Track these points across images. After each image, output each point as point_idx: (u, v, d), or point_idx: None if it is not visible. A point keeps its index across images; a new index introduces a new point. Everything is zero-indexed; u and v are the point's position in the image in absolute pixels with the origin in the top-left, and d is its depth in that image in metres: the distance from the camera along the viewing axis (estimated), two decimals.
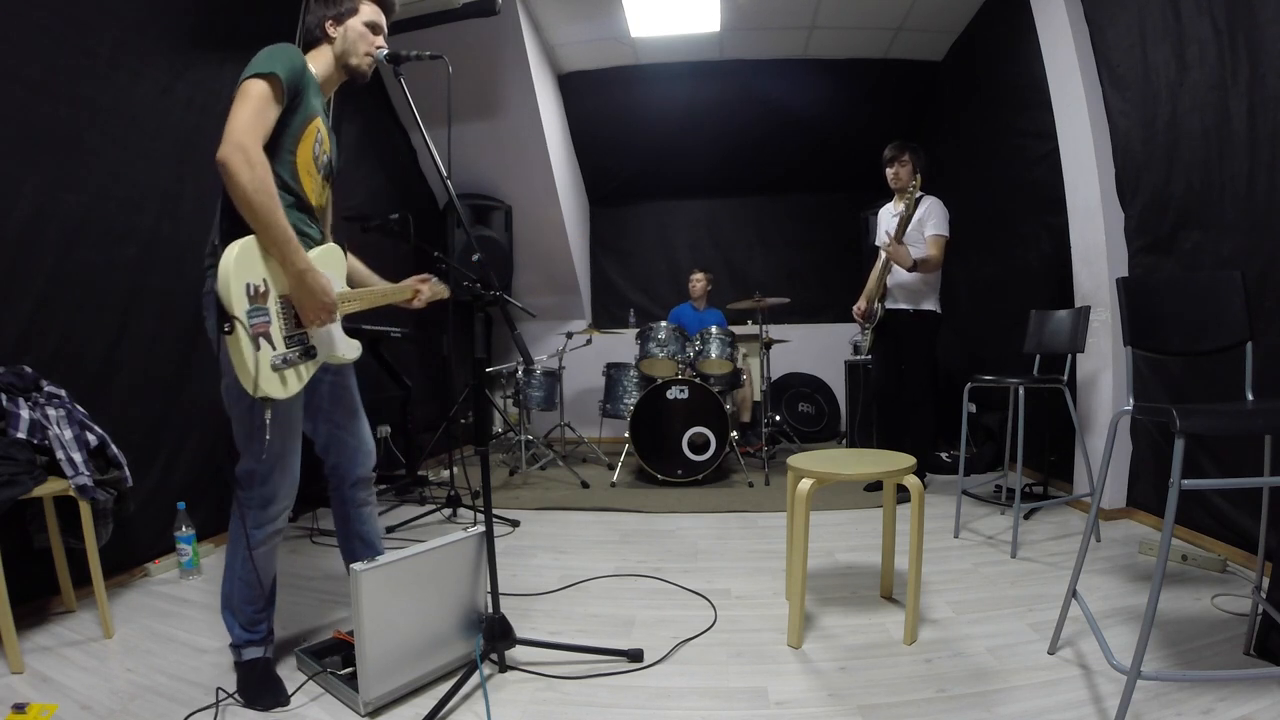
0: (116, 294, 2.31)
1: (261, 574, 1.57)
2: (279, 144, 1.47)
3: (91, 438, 1.94)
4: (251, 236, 1.38)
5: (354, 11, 1.64)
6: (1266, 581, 1.62)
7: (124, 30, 2.32)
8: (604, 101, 5.04)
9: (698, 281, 4.90)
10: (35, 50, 2.02)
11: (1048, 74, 3.15)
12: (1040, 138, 3.35)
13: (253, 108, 1.37)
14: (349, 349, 1.68)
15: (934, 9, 4.14)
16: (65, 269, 2.12)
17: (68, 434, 1.88)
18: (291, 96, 1.46)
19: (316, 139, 1.58)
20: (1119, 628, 1.80)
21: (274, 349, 1.40)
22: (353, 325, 3.22)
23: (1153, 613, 1.28)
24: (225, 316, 1.31)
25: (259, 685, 1.54)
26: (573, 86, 4.98)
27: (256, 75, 1.39)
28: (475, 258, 1.72)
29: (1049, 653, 1.68)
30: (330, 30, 1.64)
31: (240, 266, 1.34)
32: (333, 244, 1.70)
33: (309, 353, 1.51)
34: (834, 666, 1.67)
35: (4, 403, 1.80)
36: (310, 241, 1.59)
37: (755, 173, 5.59)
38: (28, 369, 1.92)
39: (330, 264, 1.63)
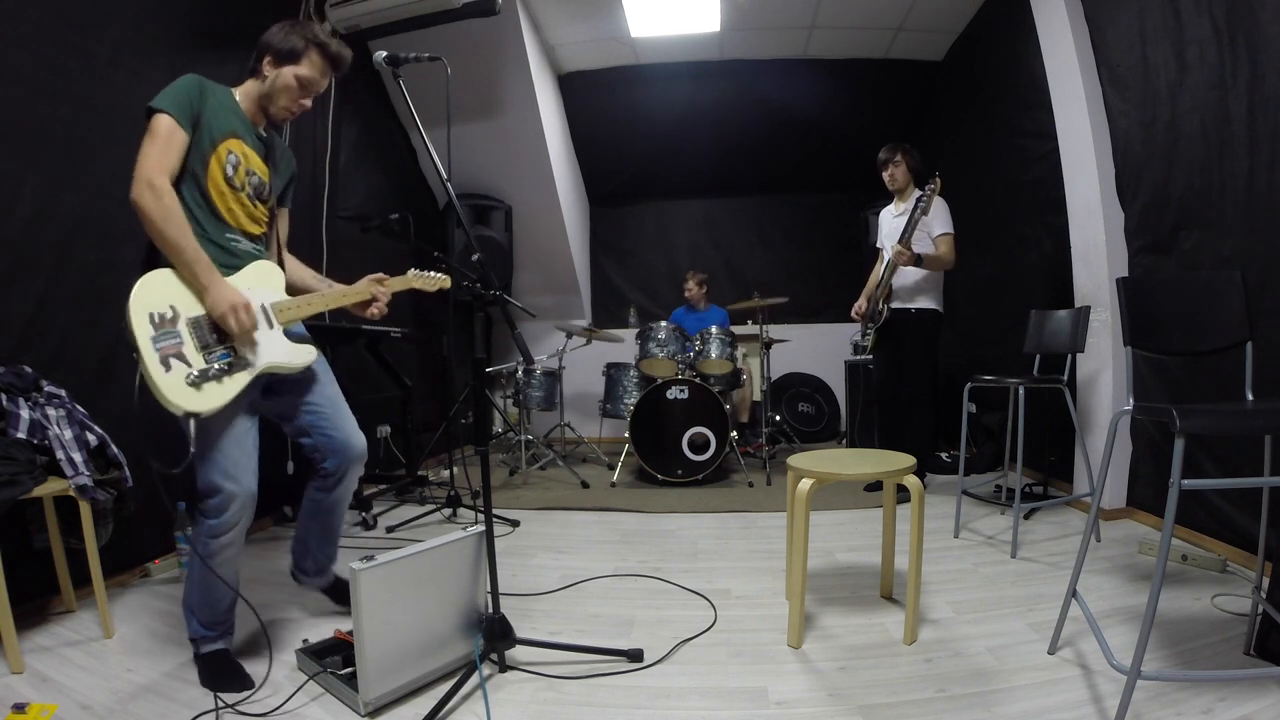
0: (116, 294, 2.27)
1: (224, 579, 1.59)
2: (186, 165, 1.55)
3: (91, 438, 1.94)
4: (152, 271, 1.48)
5: (294, 59, 1.67)
6: (1266, 581, 1.62)
7: (124, 30, 2.32)
8: (604, 101, 5.04)
9: (691, 288, 4.93)
10: (35, 50, 2.02)
11: (1048, 74, 3.15)
12: (1040, 138, 3.35)
13: (158, 144, 1.48)
14: (295, 355, 1.69)
15: (934, 9, 4.14)
16: (65, 269, 2.12)
17: (68, 434, 1.88)
18: (193, 119, 1.54)
19: (228, 161, 1.62)
20: (1119, 628, 1.80)
21: (189, 366, 1.46)
22: (353, 326, 3.23)
23: (1153, 613, 1.28)
24: (131, 345, 1.41)
25: (224, 674, 1.59)
26: (573, 86, 4.98)
27: (156, 111, 1.50)
28: (475, 258, 1.73)
29: (1049, 653, 1.68)
30: (266, 68, 1.68)
31: (139, 299, 1.44)
32: (266, 261, 1.74)
33: (236, 365, 1.54)
34: (834, 666, 1.67)
35: (4, 403, 1.80)
36: (230, 256, 1.64)
37: (755, 173, 5.59)
38: (28, 369, 1.92)
39: (261, 279, 1.68)
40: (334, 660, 1.60)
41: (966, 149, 4.34)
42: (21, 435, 1.78)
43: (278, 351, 1.65)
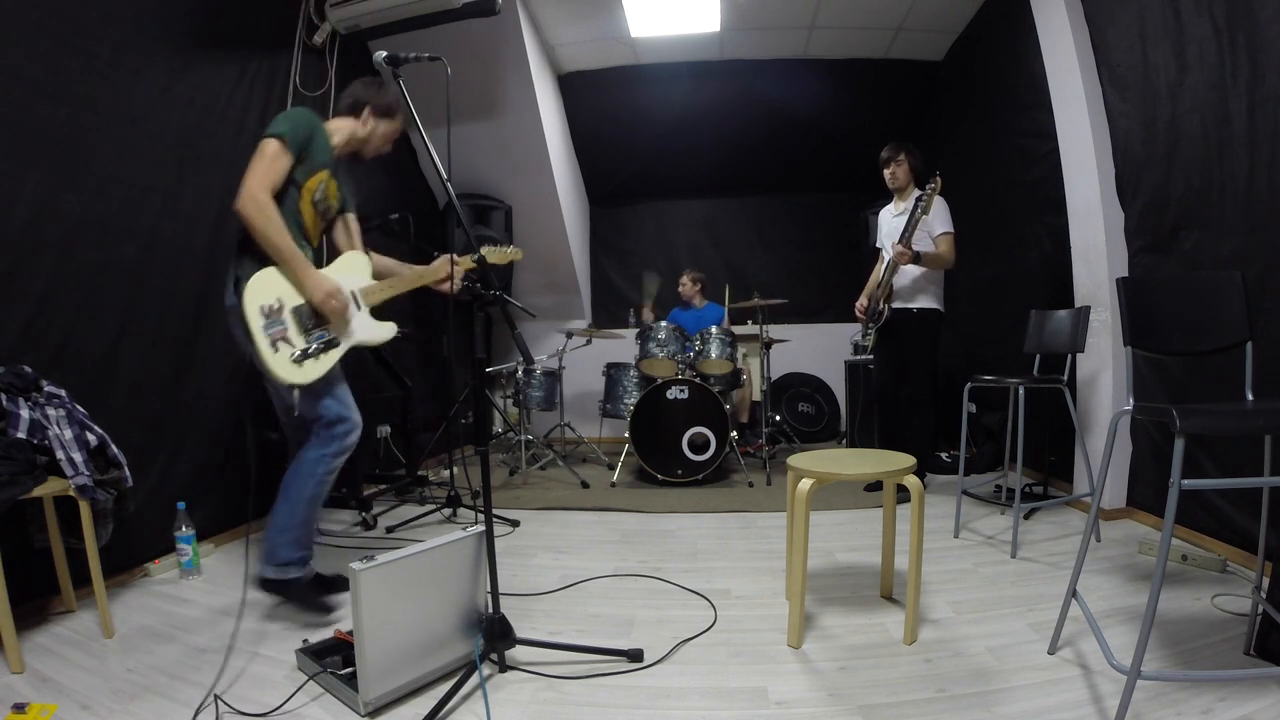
0: (116, 294, 2.31)
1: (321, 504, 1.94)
2: (289, 184, 1.85)
3: (91, 438, 1.94)
4: (261, 271, 1.78)
5: (390, 117, 2.08)
6: (1266, 581, 1.62)
7: (124, 30, 2.32)
8: (604, 101, 5.04)
9: (685, 284, 4.94)
10: (35, 50, 2.02)
11: (1048, 74, 3.15)
12: (1040, 138, 3.35)
13: (264, 164, 1.77)
14: (379, 332, 2.05)
15: (934, 9, 4.14)
16: (65, 269, 2.12)
17: (68, 434, 1.88)
18: (300, 149, 1.84)
19: (320, 185, 1.94)
20: (1119, 628, 1.80)
21: (293, 348, 1.79)
22: None
23: (1153, 613, 1.28)
24: (248, 337, 1.75)
25: (310, 594, 1.87)
26: (573, 86, 4.98)
27: (270, 135, 1.79)
28: (475, 258, 1.73)
29: (1049, 653, 1.68)
30: (368, 117, 2.05)
31: (253, 295, 1.76)
32: (356, 251, 2.09)
33: (331, 344, 1.88)
34: (834, 666, 1.67)
35: (4, 403, 1.80)
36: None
37: (755, 173, 5.59)
38: (28, 369, 1.92)
39: (351, 269, 2.03)
40: (334, 660, 1.61)
41: (966, 149, 4.34)
42: (21, 435, 1.78)
43: (365, 330, 2.00)
